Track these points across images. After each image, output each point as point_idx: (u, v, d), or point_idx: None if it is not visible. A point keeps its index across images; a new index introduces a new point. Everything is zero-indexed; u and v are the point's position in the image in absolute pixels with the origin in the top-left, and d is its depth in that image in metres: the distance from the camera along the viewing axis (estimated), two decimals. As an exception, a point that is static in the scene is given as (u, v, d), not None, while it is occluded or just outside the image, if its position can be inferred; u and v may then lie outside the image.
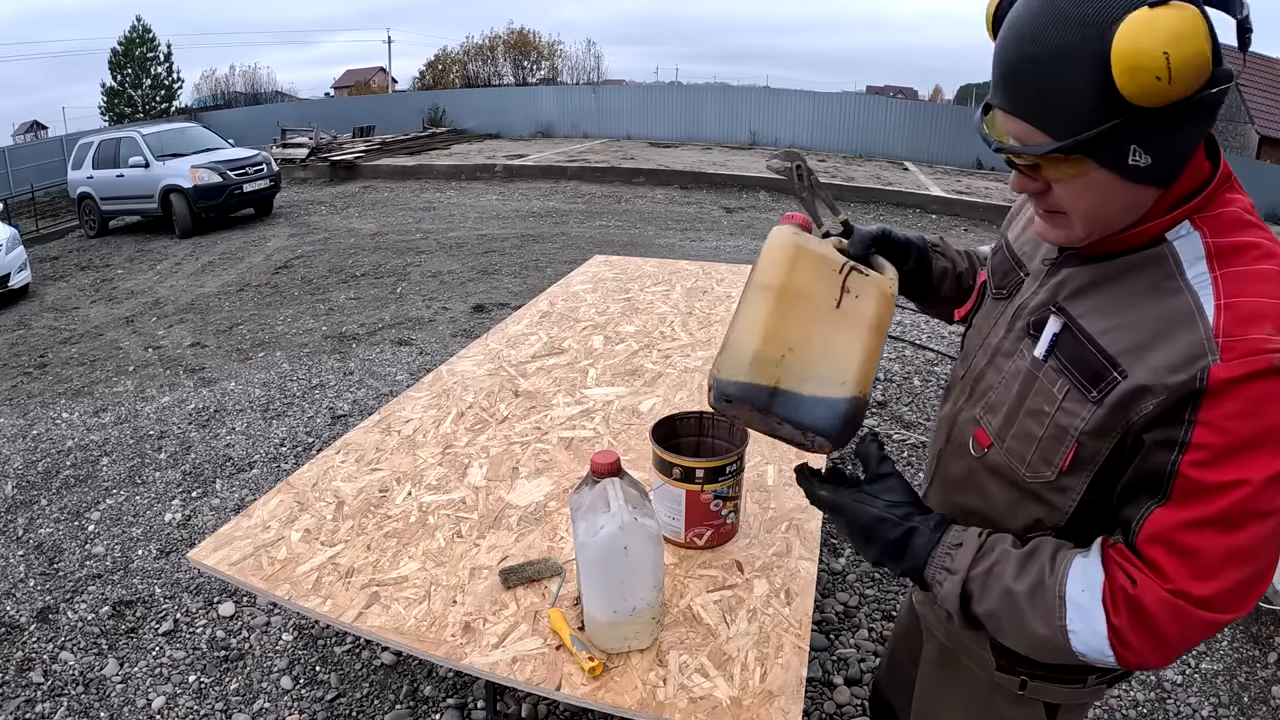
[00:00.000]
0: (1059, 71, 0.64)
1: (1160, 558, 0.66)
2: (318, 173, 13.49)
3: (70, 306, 6.78)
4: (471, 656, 1.14)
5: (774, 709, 1.04)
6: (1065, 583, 0.69)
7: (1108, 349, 0.71)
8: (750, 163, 13.48)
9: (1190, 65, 0.58)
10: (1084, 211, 0.71)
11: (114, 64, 28.25)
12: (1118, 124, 0.63)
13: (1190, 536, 0.64)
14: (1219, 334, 0.64)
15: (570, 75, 38.47)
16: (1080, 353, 0.73)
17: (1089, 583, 0.69)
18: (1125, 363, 0.69)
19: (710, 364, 0.84)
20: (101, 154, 10.15)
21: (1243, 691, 2.02)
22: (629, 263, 3.50)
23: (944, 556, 0.77)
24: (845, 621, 2.24)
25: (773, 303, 0.85)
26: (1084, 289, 0.76)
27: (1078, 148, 0.65)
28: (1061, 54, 0.63)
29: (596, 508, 1.08)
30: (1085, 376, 0.72)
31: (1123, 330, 0.70)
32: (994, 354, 0.87)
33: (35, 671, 2.11)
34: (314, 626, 2.23)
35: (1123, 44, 0.59)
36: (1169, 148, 0.65)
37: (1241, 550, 0.64)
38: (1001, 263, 0.93)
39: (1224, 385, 0.62)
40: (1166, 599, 0.65)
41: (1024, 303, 0.84)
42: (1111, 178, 0.67)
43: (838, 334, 0.85)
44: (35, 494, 3.13)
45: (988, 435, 0.84)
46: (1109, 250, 0.75)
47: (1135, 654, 0.67)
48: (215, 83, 37.30)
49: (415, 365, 4.32)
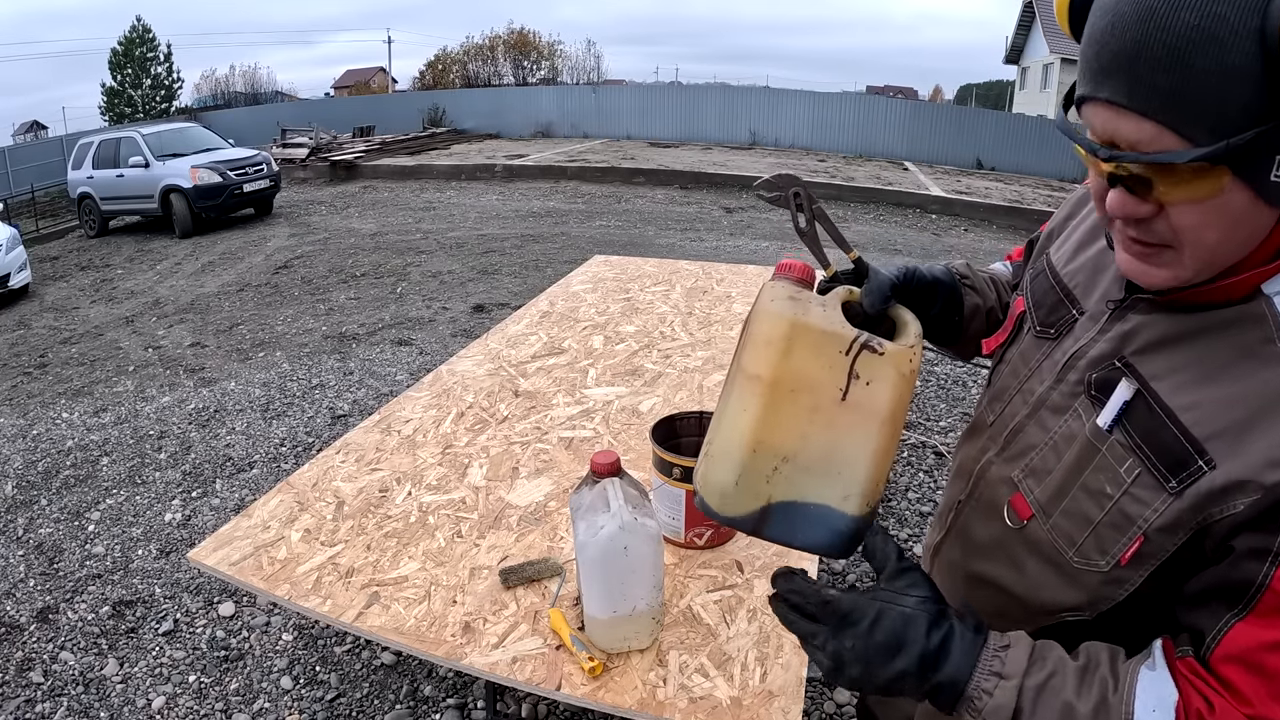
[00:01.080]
0: (1206, 52, 0.48)
1: (1238, 679, 0.55)
2: (318, 173, 13.49)
3: (70, 306, 6.78)
4: (471, 656, 1.14)
5: (774, 709, 1.04)
6: (1135, 701, 0.57)
7: (1192, 430, 0.58)
8: (750, 163, 13.48)
9: None
10: (1208, 245, 0.55)
11: (114, 64, 28.26)
12: (1272, 127, 0.48)
13: (1275, 658, 0.54)
14: None
15: (570, 75, 38.48)
16: (1158, 431, 0.60)
17: (1161, 702, 0.57)
18: (1214, 451, 0.56)
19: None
20: (101, 154, 10.16)
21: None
22: (629, 263, 3.50)
23: (993, 660, 0.61)
24: (845, 621, 2.24)
25: (762, 401, 0.68)
26: (1159, 345, 0.62)
27: (1225, 155, 0.49)
28: (1208, 32, 0.48)
29: (596, 508, 1.08)
30: (1164, 462, 0.59)
31: (1212, 407, 0.57)
32: (1038, 406, 0.73)
33: (35, 671, 2.11)
34: (314, 626, 2.23)
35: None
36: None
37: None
38: (1047, 294, 0.77)
39: None
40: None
41: (1080, 350, 0.69)
42: (1250, 199, 0.52)
43: (843, 435, 0.68)
44: (35, 494, 3.13)
45: (1029, 506, 0.71)
46: (1194, 300, 0.60)
47: None
48: (215, 83, 37.33)
49: (415, 365, 4.32)
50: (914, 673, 0.61)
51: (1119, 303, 0.68)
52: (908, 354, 0.68)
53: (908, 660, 0.62)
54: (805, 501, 0.69)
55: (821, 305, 0.69)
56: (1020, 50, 26.79)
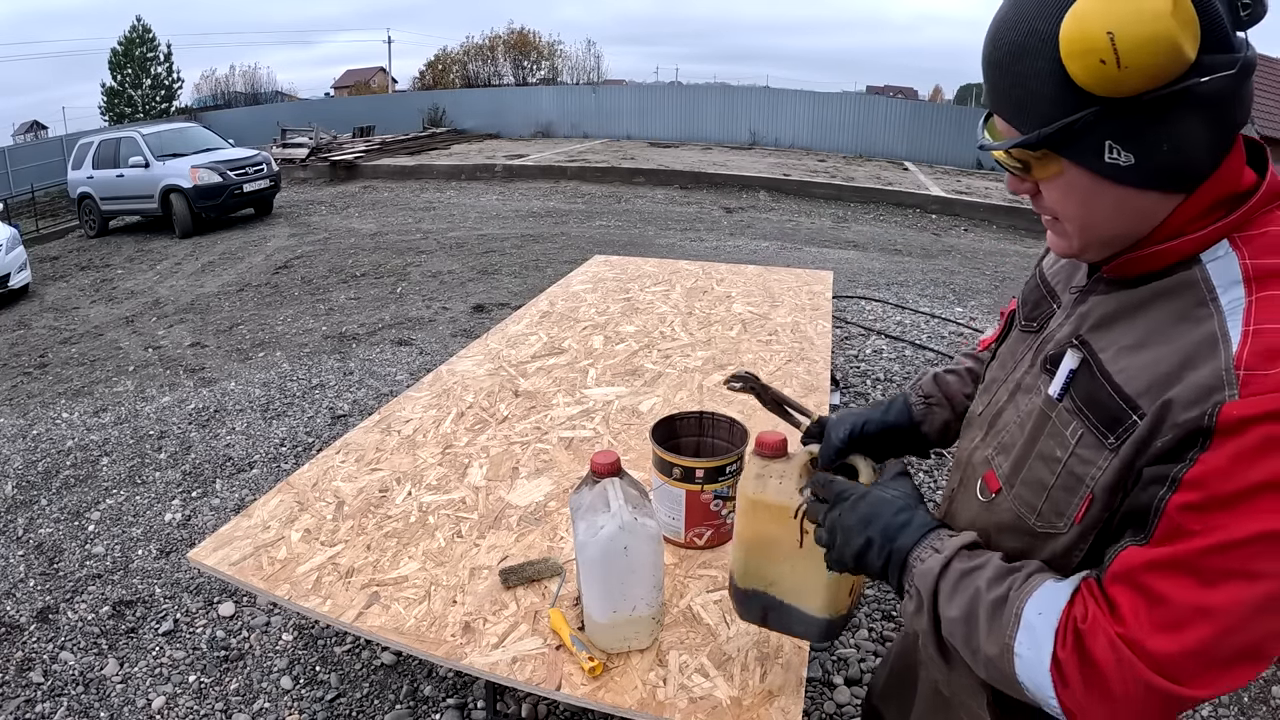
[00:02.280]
0: (1021, 63, 0.60)
1: (1121, 597, 0.59)
2: (318, 173, 13.49)
3: (70, 306, 6.78)
4: (471, 656, 1.14)
5: (774, 709, 1.04)
6: (1027, 602, 0.63)
7: (1125, 388, 0.62)
8: (750, 163, 13.48)
9: (1144, 49, 0.53)
10: (1073, 216, 0.66)
11: (114, 64, 28.27)
12: (1087, 117, 0.58)
13: (1158, 580, 0.57)
14: (1240, 365, 0.56)
15: (570, 75, 38.48)
16: (1096, 393, 0.65)
17: (1048, 607, 0.62)
18: (1144, 403, 0.60)
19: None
20: (101, 154, 10.16)
21: (1242, 691, 2.02)
22: (629, 263, 3.50)
23: (935, 539, 0.72)
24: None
25: (744, 549, 0.97)
26: (1108, 319, 0.68)
27: (1043, 142, 0.61)
28: (1022, 47, 0.60)
29: (596, 508, 1.08)
30: (1102, 421, 0.64)
31: (1144, 367, 0.62)
32: (1015, 390, 0.79)
33: (35, 671, 2.11)
34: (314, 626, 2.23)
35: (1068, 25, 0.55)
36: (1158, 145, 0.58)
37: (1214, 610, 0.54)
38: (1033, 292, 0.85)
39: (1235, 424, 0.54)
40: (1114, 642, 0.57)
41: (1050, 334, 0.77)
42: (1090, 177, 0.62)
43: (805, 570, 0.92)
44: (35, 494, 3.13)
45: (997, 479, 0.76)
46: (1137, 274, 0.67)
47: (1074, 698, 0.59)
48: (215, 83, 37.34)
49: (415, 365, 4.32)
50: (877, 541, 0.74)
51: (1081, 289, 0.74)
52: None
53: (874, 529, 0.75)
54: (790, 604, 0.95)
55: (780, 478, 0.94)
56: (1020, 50, 26.76)
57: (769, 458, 0.96)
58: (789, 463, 0.95)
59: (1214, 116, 0.58)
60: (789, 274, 3.28)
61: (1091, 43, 0.54)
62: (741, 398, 2.01)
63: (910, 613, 0.72)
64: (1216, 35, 0.55)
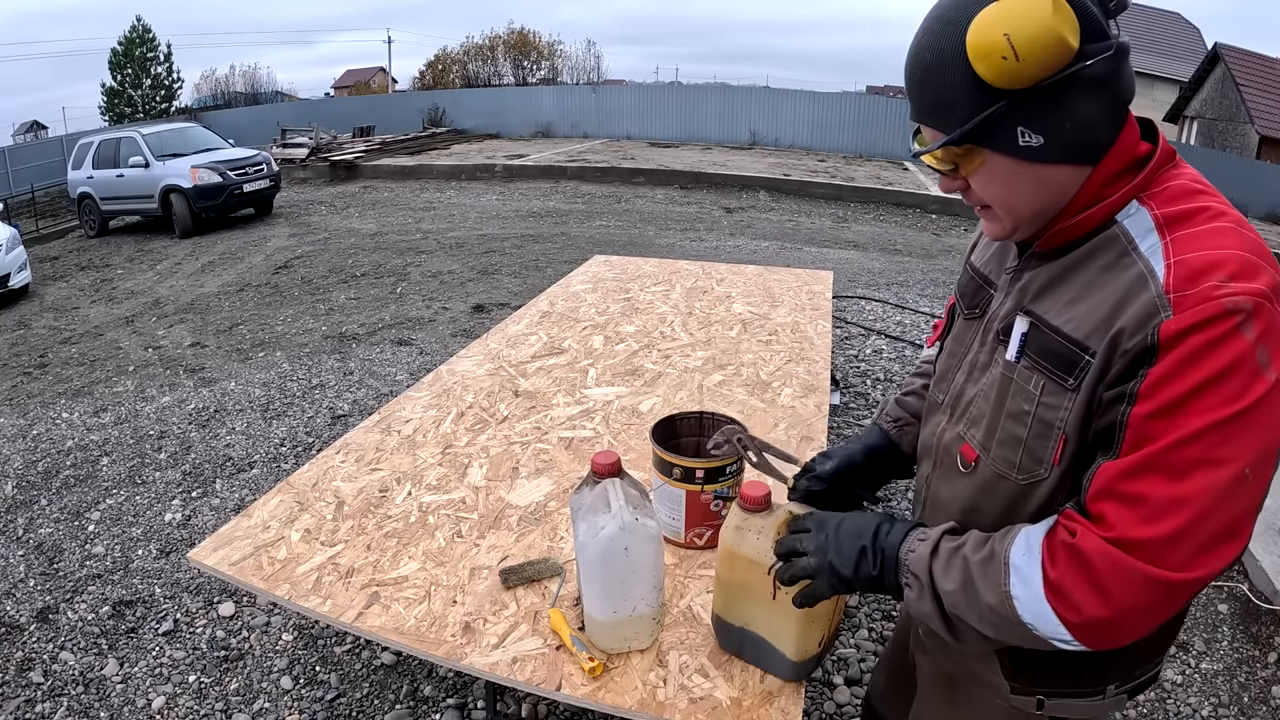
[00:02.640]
0: (938, 76, 0.70)
1: (1104, 508, 0.65)
2: (318, 173, 13.49)
3: (70, 306, 6.78)
4: (471, 657, 1.14)
5: (774, 709, 1.04)
6: (1010, 549, 0.70)
7: (1074, 335, 0.71)
8: (750, 163, 13.48)
9: (1038, 42, 0.62)
10: (1000, 199, 0.75)
11: (114, 64, 28.24)
12: (998, 110, 0.68)
13: (1133, 483, 0.63)
14: (1169, 291, 0.64)
15: (570, 75, 38.46)
16: (1048, 345, 0.74)
17: (1030, 545, 0.69)
18: (1092, 343, 0.69)
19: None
20: (101, 154, 10.16)
21: (1243, 691, 2.02)
22: (629, 263, 3.50)
23: (920, 531, 0.81)
24: (845, 621, 2.24)
25: (723, 590, 1.06)
26: (1046, 287, 0.77)
27: (965, 137, 0.70)
28: (938, 62, 0.70)
29: (597, 508, 1.08)
30: (1059, 367, 0.72)
31: (1086, 313, 0.71)
32: (971, 369, 0.87)
33: (35, 671, 2.11)
34: (314, 626, 2.23)
35: (971, 36, 0.65)
36: (1061, 124, 0.68)
37: (1188, 499, 0.61)
38: (968, 284, 0.95)
39: (1174, 337, 0.62)
40: (1105, 547, 0.63)
41: (994, 313, 0.85)
42: (1010, 161, 0.71)
43: (777, 618, 1.00)
44: (35, 494, 3.12)
45: (973, 449, 0.83)
46: (1064, 243, 0.76)
47: (1078, 613, 0.65)
48: (215, 83, 37.29)
49: (415, 365, 4.32)
50: (869, 547, 0.81)
51: (1015, 267, 0.83)
52: None
53: (865, 539, 0.82)
54: (765, 642, 1.04)
55: (759, 534, 0.99)
56: (1020, 50, 26.76)
57: (750, 511, 1.00)
58: (769, 518, 1.00)
59: (1103, 94, 0.68)
60: (789, 274, 3.28)
61: (994, 45, 0.64)
62: (742, 397, 2.01)
63: (913, 601, 0.77)
64: (1093, 27, 0.65)
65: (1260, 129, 16.49)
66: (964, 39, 0.66)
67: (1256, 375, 0.60)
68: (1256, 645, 2.17)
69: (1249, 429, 0.61)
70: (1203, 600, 2.34)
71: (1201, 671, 2.08)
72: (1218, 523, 0.61)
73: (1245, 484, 0.61)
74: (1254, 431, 0.61)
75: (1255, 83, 17.19)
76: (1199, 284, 0.63)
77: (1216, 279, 0.62)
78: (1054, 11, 0.62)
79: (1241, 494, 0.61)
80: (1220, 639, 2.20)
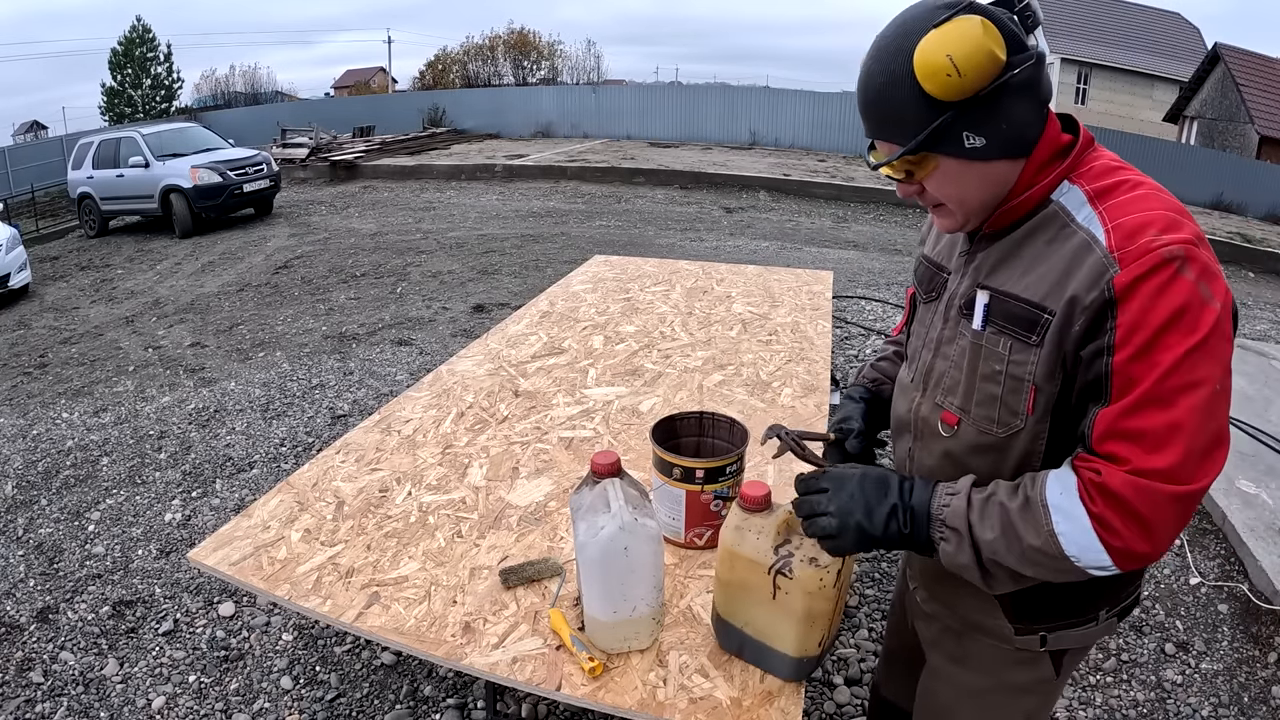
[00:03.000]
0: (890, 96, 0.81)
1: (1116, 448, 0.75)
2: (318, 173, 13.49)
3: (70, 306, 6.78)
4: (471, 657, 1.14)
5: (774, 709, 1.04)
6: (1045, 492, 0.78)
7: (1032, 298, 0.82)
8: (750, 163, 13.48)
9: (974, 59, 0.74)
10: (953, 196, 0.85)
11: (114, 64, 28.22)
12: (945, 120, 0.78)
13: (1134, 421, 0.73)
14: (1114, 250, 0.75)
15: (570, 75, 38.41)
16: (1010, 309, 0.84)
17: (1065, 486, 0.78)
18: (1050, 303, 0.80)
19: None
20: (101, 154, 10.15)
21: (1243, 691, 2.02)
22: (629, 263, 3.50)
23: (946, 487, 0.86)
24: (845, 621, 2.24)
25: (722, 592, 1.06)
26: (998, 263, 0.88)
27: (919, 146, 0.81)
28: (888, 85, 0.80)
29: (597, 508, 1.08)
30: (1022, 327, 0.83)
31: (1039, 278, 0.82)
32: (938, 345, 0.96)
33: (35, 671, 2.11)
34: (314, 626, 2.23)
35: (918, 59, 0.76)
36: (999, 126, 0.80)
37: (1181, 422, 0.72)
38: (924, 273, 1.05)
39: (1128, 287, 0.73)
40: (1130, 480, 0.73)
41: (953, 293, 0.95)
42: (959, 162, 0.82)
43: (777, 617, 1.01)
44: (35, 494, 3.13)
45: (953, 414, 0.92)
46: (1009, 223, 0.87)
47: (1121, 539, 0.74)
48: (215, 83, 37.25)
49: (415, 365, 4.32)
50: (898, 503, 0.87)
51: (966, 251, 0.94)
52: (815, 577, 0.95)
53: (893, 496, 0.87)
54: (764, 643, 1.05)
55: (758, 534, 1.00)
56: (1020, 50, 26.74)
57: (750, 511, 1.02)
58: (768, 518, 1.01)
59: (1029, 96, 0.80)
60: (789, 274, 3.28)
61: (939, 65, 0.75)
62: (742, 397, 2.01)
63: (949, 553, 0.84)
64: (1015, 41, 0.77)
65: (1260, 129, 16.49)
66: (911, 63, 0.77)
67: (1205, 307, 0.72)
68: (1256, 645, 2.17)
69: (1210, 352, 0.72)
70: (1203, 600, 2.34)
71: (1201, 671, 2.08)
72: (1209, 433, 0.73)
73: (1219, 397, 0.73)
74: (1214, 353, 0.72)
75: (1255, 83, 17.19)
76: (1137, 240, 0.74)
77: (1151, 234, 0.74)
78: (985, 32, 0.74)
79: (1219, 405, 0.73)
80: (1220, 639, 2.20)
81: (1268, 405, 3.43)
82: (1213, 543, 2.58)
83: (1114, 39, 21.77)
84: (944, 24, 0.75)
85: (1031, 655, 0.98)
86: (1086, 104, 21.51)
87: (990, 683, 1.02)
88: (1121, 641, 2.18)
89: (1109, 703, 1.98)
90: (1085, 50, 21.35)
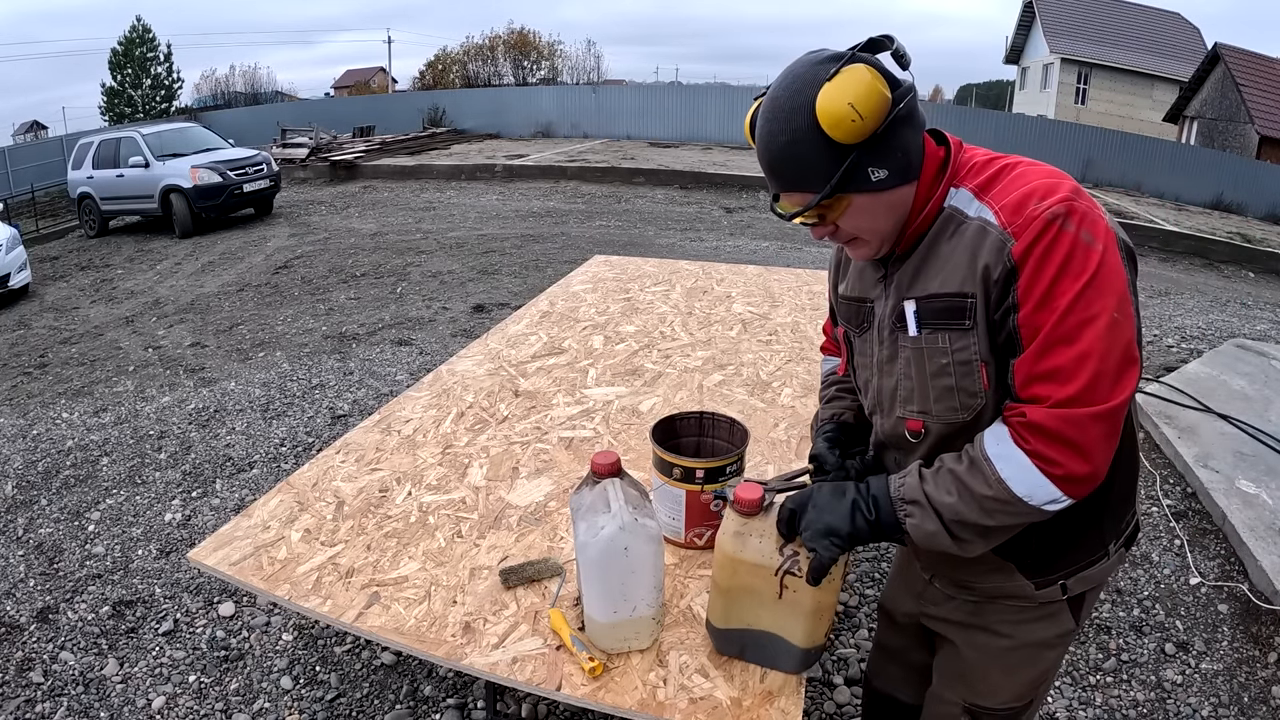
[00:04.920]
0: (796, 152, 0.88)
1: (1036, 389, 0.83)
2: (318, 173, 13.49)
3: (70, 306, 6.78)
4: (471, 657, 1.14)
5: (774, 709, 1.04)
6: (984, 447, 0.87)
7: (952, 290, 0.90)
8: (750, 163, 13.46)
9: (871, 102, 0.82)
10: (866, 228, 0.94)
11: (114, 64, 28.20)
12: (852, 161, 0.87)
13: (1046, 362, 0.82)
14: (1006, 226, 0.85)
15: (570, 75, 38.38)
16: (937, 307, 0.92)
17: (999, 436, 0.87)
18: (967, 287, 0.88)
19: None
20: (101, 154, 10.14)
21: (1243, 691, 2.02)
22: (629, 263, 3.50)
23: (897, 474, 0.96)
24: (845, 621, 2.24)
25: (724, 596, 1.06)
26: (913, 276, 0.95)
27: (833, 190, 0.88)
28: (793, 141, 0.88)
29: (597, 508, 1.08)
30: (953, 316, 0.90)
31: (952, 271, 0.90)
32: (880, 367, 1.03)
33: (35, 671, 2.11)
34: (314, 626, 2.23)
35: (821, 111, 0.84)
36: (894, 156, 0.89)
37: (1087, 351, 0.80)
38: (849, 310, 1.11)
39: (1024, 252, 0.83)
40: (1051, 412, 0.81)
41: (881, 317, 1.02)
42: (868, 196, 0.90)
43: (784, 615, 1.03)
44: (35, 494, 3.12)
45: (917, 420, 0.98)
46: (914, 238, 0.95)
47: (1061, 467, 0.82)
48: (215, 83, 37.21)
49: (415, 365, 4.32)
50: (858, 499, 0.95)
51: (882, 276, 1.01)
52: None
53: (851, 493, 0.96)
54: (770, 640, 1.06)
55: (760, 537, 1.01)
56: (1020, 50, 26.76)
57: (747, 515, 1.02)
58: (766, 519, 1.02)
59: (912, 124, 0.89)
60: (789, 274, 3.28)
61: (843, 113, 0.82)
62: (742, 397, 2.01)
63: (916, 525, 0.91)
64: (892, 80, 0.86)
65: (1260, 129, 16.48)
66: (813, 116, 0.84)
67: (1089, 250, 0.81)
68: (1256, 645, 2.17)
69: (1100, 287, 0.80)
70: (1203, 600, 2.34)
71: (1201, 671, 2.08)
72: (1116, 355, 0.81)
73: (1119, 323, 0.81)
74: (1104, 287, 0.81)
75: (1255, 83, 17.18)
76: (1022, 213, 0.84)
77: (1033, 204, 0.83)
78: (873, 77, 0.83)
79: (1120, 331, 0.81)
80: (1220, 639, 2.20)
81: (1268, 405, 3.42)
82: (1213, 543, 2.57)
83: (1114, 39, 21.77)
84: (836, 76, 0.83)
85: (1053, 609, 1.04)
86: (1086, 104, 21.51)
87: (1015, 643, 1.08)
88: (1121, 642, 2.18)
89: (1109, 703, 1.98)
90: (1085, 50, 21.35)
